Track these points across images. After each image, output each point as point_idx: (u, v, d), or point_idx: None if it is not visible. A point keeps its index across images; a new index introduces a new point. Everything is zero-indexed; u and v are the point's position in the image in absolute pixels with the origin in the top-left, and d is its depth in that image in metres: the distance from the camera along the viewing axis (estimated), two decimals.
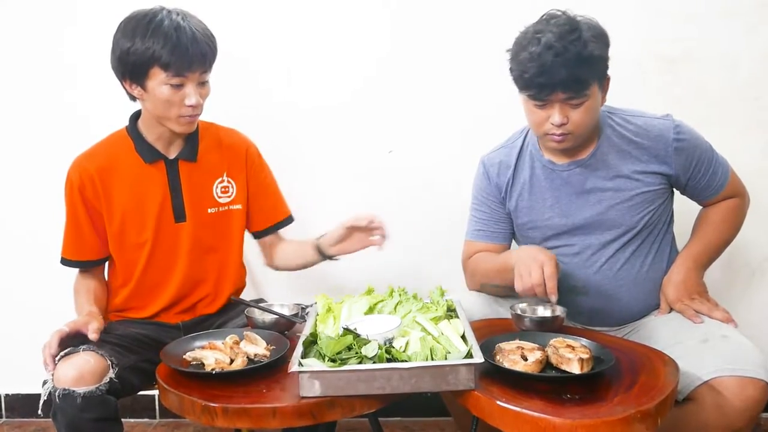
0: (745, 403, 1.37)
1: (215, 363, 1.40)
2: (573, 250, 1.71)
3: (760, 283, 2.28)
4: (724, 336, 1.51)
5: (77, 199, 1.69)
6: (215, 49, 1.65)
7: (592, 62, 1.52)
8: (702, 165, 1.66)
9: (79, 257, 1.74)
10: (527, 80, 1.53)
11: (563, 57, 1.48)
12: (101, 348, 1.54)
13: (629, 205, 1.66)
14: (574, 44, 1.49)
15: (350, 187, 2.32)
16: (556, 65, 1.49)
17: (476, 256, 1.79)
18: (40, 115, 2.34)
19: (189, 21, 1.60)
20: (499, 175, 1.78)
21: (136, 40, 1.56)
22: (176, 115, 1.62)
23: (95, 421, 1.45)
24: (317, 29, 2.25)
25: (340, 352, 1.31)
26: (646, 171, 1.65)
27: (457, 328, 1.44)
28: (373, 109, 2.28)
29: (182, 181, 1.73)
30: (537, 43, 1.51)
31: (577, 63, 1.49)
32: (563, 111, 1.55)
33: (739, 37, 2.14)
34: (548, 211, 1.72)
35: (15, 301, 2.44)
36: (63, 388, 1.44)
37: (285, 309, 1.67)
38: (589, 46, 1.50)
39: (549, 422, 1.14)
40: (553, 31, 1.51)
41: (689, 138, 1.64)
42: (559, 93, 1.52)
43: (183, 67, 1.57)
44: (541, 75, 1.50)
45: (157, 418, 2.51)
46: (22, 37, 2.31)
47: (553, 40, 1.49)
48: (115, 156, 1.71)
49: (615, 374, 1.30)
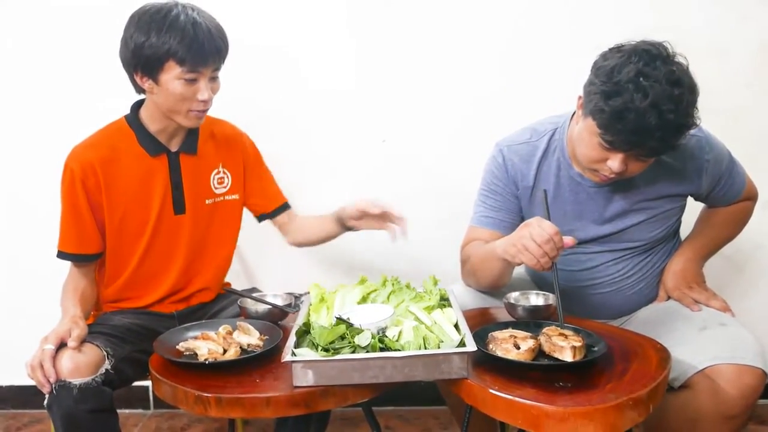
0: (742, 391, 1.37)
1: (208, 353, 1.40)
2: (584, 253, 1.69)
3: (755, 272, 2.29)
4: (722, 324, 1.52)
5: (78, 189, 1.65)
6: (228, 45, 1.65)
7: (686, 132, 1.43)
8: (724, 177, 1.66)
9: (78, 250, 1.70)
10: (617, 130, 1.39)
11: (665, 121, 1.36)
12: (96, 339, 1.53)
13: (650, 222, 1.66)
14: (679, 109, 1.37)
15: (343, 176, 2.31)
16: (654, 128, 1.37)
17: (471, 244, 1.75)
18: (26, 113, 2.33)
19: (203, 16, 1.60)
20: (518, 172, 1.69)
21: (152, 35, 1.55)
22: (187, 109, 1.62)
23: (91, 412, 1.45)
24: (313, 18, 2.24)
25: (333, 342, 1.31)
26: (674, 194, 1.64)
27: (450, 317, 1.45)
28: (367, 98, 2.27)
29: (183, 173, 1.73)
30: (642, 93, 1.36)
31: (675, 131, 1.40)
32: (626, 161, 1.46)
33: (729, 25, 2.14)
34: (567, 223, 1.65)
35: (7, 292, 2.43)
36: (59, 380, 1.43)
37: (278, 299, 1.66)
38: (690, 115, 1.40)
39: (541, 410, 1.15)
40: (662, 85, 1.36)
41: (718, 155, 1.62)
42: (641, 151, 1.43)
43: (198, 62, 1.57)
44: (635, 133, 1.38)
45: (151, 408, 2.51)
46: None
47: (661, 98, 1.35)
48: (117, 147, 1.69)
49: (607, 362, 1.31)
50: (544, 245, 1.39)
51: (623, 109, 1.37)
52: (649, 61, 1.39)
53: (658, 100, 1.35)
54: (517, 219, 1.72)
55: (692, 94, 1.41)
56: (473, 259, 1.68)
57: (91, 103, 2.18)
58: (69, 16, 2.25)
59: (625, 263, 1.69)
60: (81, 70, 2.26)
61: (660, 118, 1.36)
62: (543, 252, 1.39)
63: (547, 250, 1.39)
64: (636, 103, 1.36)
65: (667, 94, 1.36)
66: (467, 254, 1.71)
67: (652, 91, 1.36)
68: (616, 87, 1.39)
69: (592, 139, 1.47)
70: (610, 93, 1.39)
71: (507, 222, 1.71)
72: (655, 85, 1.36)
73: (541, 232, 1.39)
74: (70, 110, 2.27)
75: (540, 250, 1.39)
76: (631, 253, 1.69)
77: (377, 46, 2.24)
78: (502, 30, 2.19)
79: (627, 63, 1.40)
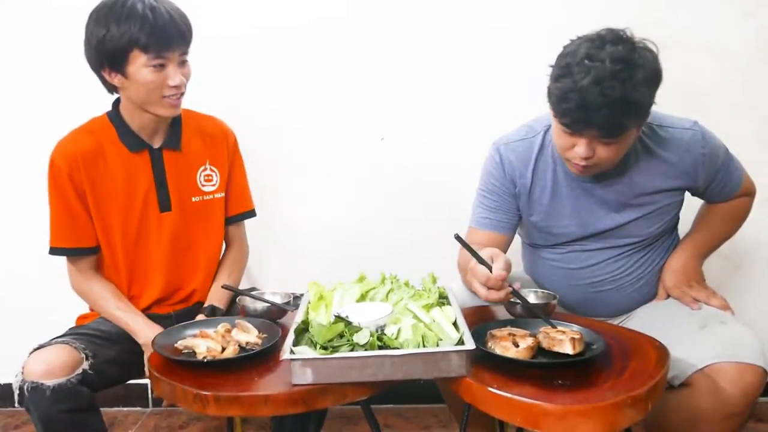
0: (743, 389, 1.37)
1: (207, 351, 1.39)
2: (584, 250, 1.70)
3: (754, 270, 2.29)
4: (722, 322, 1.52)
5: (66, 183, 1.64)
6: (191, 28, 1.64)
7: (637, 109, 1.43)
8: (721, 172, 1.66)
9: (74, 244, 1.68)
10: (564, 110, 1.43)
11: (608, 98, 1.37)
12: (78, 340, 1.54)
13: (649, 217, 1.65)
14: (623, 85, 1.37)
15: (342, 174, 2.31)
16: (598, 104, 1.37)
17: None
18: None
19: (161, 2, 1.59)
20: (515, 170, 1.69)
21: (112, 26, 1.54)
22: (160, 96, 1.60)
23: (67, 412, 1.47)
24: (310, 14, 2.23)
25: (332, 340, 1.31)
26: (671, 188, 1.63)
27: (449, 315, 1.44)
28: (365, 96, 2.26)
29: (167, 170, 1.72)
30: (585, 73, 1.38)
31: (620, 107, 1.39)
32: (591, 145, 1.47)
33: (730, 22, 2.14)
34: (566, 220, 1.67)
35: (2, 290, 2.41)
36: (32, 381, 1.45)
37: (277, 297, 1.66)
38: (638, 91, 1.39)
39: (540, 408, 1.15)
40: (605, 64, 1.38)
41: (713, 149, 1.62)
42: (593, 131, 1.44)
43: (163, 47, 1.56)
44: (579, 110, 1.40)
45: (150, 406, 2.51)
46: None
47: (602, 76, 1.37)
48: (99, 143, 1.67)
49: (606, 360, 1.31)
50: (486, 298, 1.42)
51: (567, 90, 1.40)
52: (599, 45, 1.42)
53: (600, 77, 1.37)
54: (516, 219, 1.73)
55: (644, 72, 1.40)
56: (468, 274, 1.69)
57: (75, 102, 2.15)
58: (49, 16, 2.24)
59: (624, 260, 1.69)
60: (65, 69, 2.23)
61: (602, 95, 1.37)
62: (489, 299, 1.43)
63: (491, 298, 1.42)
64: (579, 83, 1.39)
65: (609, 71, 1.37)
66: (463, 267, 1.71)
67: (594, 70, 1.38)
68: (564, 70, 1.43)
69: (556, 125, 1.51)
70: (558, 76, 1.45)
71: (505, 223, 1.72)
72: (598, 65, 1.38)
73: (480, 296, 1.43)
74: (51, 111, 2.26)
75: (487, 298, 1.43)
76: (630, 249, 1.69)
77: (376, 43, 2.23)
78: (503, 28, 2.19)
79: (578, 48, 1.44)
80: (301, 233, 2.34)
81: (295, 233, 2.34)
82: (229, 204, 1.85)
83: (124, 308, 1.69)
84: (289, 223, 2.32)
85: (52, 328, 1.68)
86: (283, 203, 2.30)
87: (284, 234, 2.33)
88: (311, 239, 2.33)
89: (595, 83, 1.37)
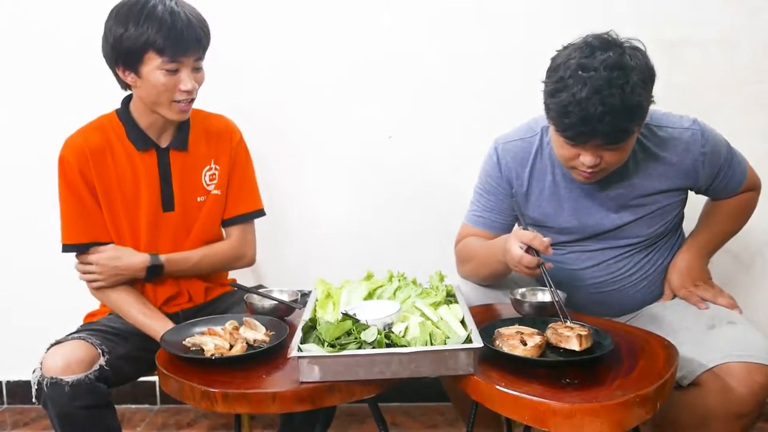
0: (752, 389, 1.37)
1: (215, 349, 1.40)
2: (584, 251, 1.69)
3: (764, 269, 2.28)
4: (730, 322, 1.51)
5: (77, 177, 1.64)
6: (209, 34, 1.64)
7: (639, 112, 1.41)
8: (723, 170, 1.64)
9: (88, 239, 1.67)
10: (566, 125, 1.41)
11: (609, 106, 1.35)
12: (93, 336, 1.54)
13: (649, 218, 1.64)
14: (621, 91, 1.36)
15: (350, 172, 2.31)
16: (601, 115, 1.36)
17: (465, 241, 1.75)
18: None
19: (182, 6, 1.59)
20: (511, 171, 1.69)
21: (130, 26, 1.54)
22: (170, 100, 1.61)
23: (85, 408, 1.47)
24: (317, 14, 2.23)
25: (340, 338, 1.31)
26: (671, 188, 1.62)
27: (457, 313, 1.44)
28: (373, 95, 2.26)
29: (173, 170, 1.71)
30: (581, 84, 1.37)
31: (622, 114, 1.37)
32: (597, 153, 1.45)
33: (740, 20, 2.12)
34: (565, 220, 1.66)
35: (14, 288, 2.43)
36: (51, 377, 1.45)
37: (284, 295, 1.66)
38: (637, 94, 1.38)
39: (548, 406, 1.15)
40: (599, 72, 1.37)
41: (714, 147, 1.60)
42: (598, 140, 1.42)
43: (178, 51, 1.56)
44: (582, 122, 1.38)
45: (158, 404, 2.51)
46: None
47: (599, 85, 1.36)
48: (107, 139, 1.68)
49: (614, 359, 1.30)
50: (516, 267, 1.46)
51: (566, 104, 1.39)
52: (589, 54, 1.40)
53: (598, 87, 1.36)
54: (510, 220, 1.74)
55: (639, 74, 1.39)
56: (475, 261, 1.69)
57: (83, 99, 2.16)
58: (56, 14, 2.25)
59: (626, 261, 1.68)
60: (74, 67, 2.26)
61: (603, 104, 1.35)
62: (521, 269, 1.46)
63: (523, 268, 1.45)
64: (577, 95, 1.37)
65: (606, 79, 1.36)
66: (467, 254, 1.72)
67: (590, 80, 1.37)
68: (558, 84, 1.41)
69: (558, 138, 1.49)
70: (553, 91, 1.42)
71: (498, 223, 1.73)
72: (593, 74, 1.37)
73: (510, 258, 1.46)
74: (57, 109, 2.26)
75: (518, 268, 1.47)
76: (631, 250, 1.68)
77: (384, 42, 2.23)
78: (509, 28, 2.18)
79: (568, 59, 1.42)
80: (308, 231, 2.34)
81: (303, 231, 2.34)
82: (229, 203, 1.80)
83: (149, 313, 1.68)
84: (296, 222, 2.32)
85: (53, 329, 1.68)
86: (291, 202, 2.30)
87: (292, 232, 2.33)
88: (318, 237, 2.34)
89: (594, 93, 1.36)
